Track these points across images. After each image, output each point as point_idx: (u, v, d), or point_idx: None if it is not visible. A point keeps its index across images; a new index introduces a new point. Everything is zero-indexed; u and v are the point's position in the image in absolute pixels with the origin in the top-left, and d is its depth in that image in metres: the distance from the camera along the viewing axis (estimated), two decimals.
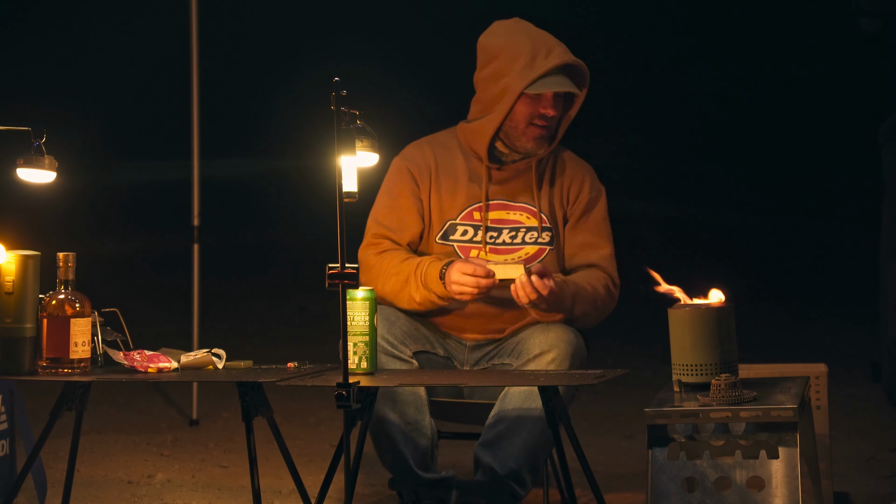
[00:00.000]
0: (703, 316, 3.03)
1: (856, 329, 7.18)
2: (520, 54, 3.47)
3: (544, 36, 3.52)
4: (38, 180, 3.43)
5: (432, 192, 3.57)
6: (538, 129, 3.50)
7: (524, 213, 3.55)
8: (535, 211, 3.55)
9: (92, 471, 4.43)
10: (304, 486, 3.35)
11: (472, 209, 3.55)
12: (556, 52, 3.47)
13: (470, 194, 3.56)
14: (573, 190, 3.60)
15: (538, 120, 3.50)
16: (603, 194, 3.64)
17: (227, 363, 3.38)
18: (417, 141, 3.67)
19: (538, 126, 3.50)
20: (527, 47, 3.47)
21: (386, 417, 3.38)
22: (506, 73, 3.47)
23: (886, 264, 5.32)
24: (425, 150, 3.62)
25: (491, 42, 3.53)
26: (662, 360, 3.52)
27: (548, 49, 3.48)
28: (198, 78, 5.20)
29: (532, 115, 3.49)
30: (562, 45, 3.51)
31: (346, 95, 2.91)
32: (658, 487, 2.77)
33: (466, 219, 3.55)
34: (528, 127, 3.50)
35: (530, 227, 3.55)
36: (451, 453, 4.35)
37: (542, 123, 3.50)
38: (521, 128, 3.50)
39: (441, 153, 3.60)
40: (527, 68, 3.45)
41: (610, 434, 5.09)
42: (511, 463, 3.32)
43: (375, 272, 3.50)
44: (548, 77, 3.45)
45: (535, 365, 3.36)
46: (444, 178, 3.57)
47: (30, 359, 3.23)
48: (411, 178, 3.58)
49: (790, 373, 3.44)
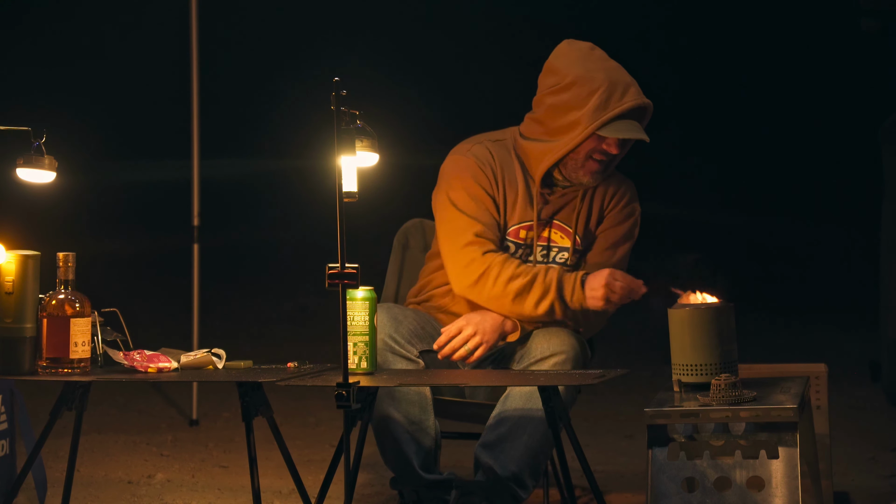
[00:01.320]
0: (703, 316, 3.03)
1: (856, 329, 7.18)
2: (595, 91, 3.38)
3: (619, 72, 3.44)
4: (38, 180, 3.43)
5: (498, 199, 3.53)
6: (597, 164, 3.45)
7: (560, 231, 3.53)
8: (570, 232, 3.53)
9: (92, 471, 4.43)
10: (304, 486, 3.35)
11: (520, 227, 3.53)
12: (631, 93, 3.40)
13: (522, 212, 3.52)
14: (613, 200, 3.56)
15: (599, 155, 3.44)
16: (636, 214, 3.59)
17: (227, 363, 3.38)
18: (478, 139, 3.59)
19: (596, 161, 3.45)
20: (603, 85, 3.38)
21: (390, 416, 3.38)
22: (577, 106, 3.39)
23: (886, 264, 5.32)
24: (492, 154, 3.54)
25: (563, 68, 3.44)
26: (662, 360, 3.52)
27: (623, 88, 3.40)
28: (198, 78, 5.20)
29: (595, 150, 3.44)
30: (636, 85, 3.42)
31: (346, 95, 2.91)
32: (658, 487, 2.77)
33: (513, 235, 3.53)
34: (588, 160, 3.45)
35: (563, 247, 3.54)
36: (451, 453, 4.35)
37: (602, 159, 3.45)
38: (581, 161, 3.44)
39: (504, 162, 3.54)
40: (600, 108, 3.37)
41: (610, 434, 5.09)
42: (512, 466, 3.32)
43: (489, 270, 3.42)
44: (620, 120, 3.39)
45: (538, 368, 3.36)
46: (507, 187, 3.53)
47: (30, 359, 3.23)
48: (487, 180, 3.51)
49: (790, 373, 3.43)
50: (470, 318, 3.42)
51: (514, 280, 3.41)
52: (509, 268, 3.42)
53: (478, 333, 3.39)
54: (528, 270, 3.42)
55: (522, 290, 3.41)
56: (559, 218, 3.54)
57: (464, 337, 3.40)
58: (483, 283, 3.43)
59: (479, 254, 3.44)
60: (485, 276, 3.43)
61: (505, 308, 3.43)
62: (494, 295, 3.42)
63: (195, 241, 5.22)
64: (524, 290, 3.41)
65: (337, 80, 2.90)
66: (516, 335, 3.43)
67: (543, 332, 3.41)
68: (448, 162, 3.57)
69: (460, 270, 3.46)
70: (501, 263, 3.43)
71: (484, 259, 3.44)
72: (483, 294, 3.44)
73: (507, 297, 3.41)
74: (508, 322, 3.43)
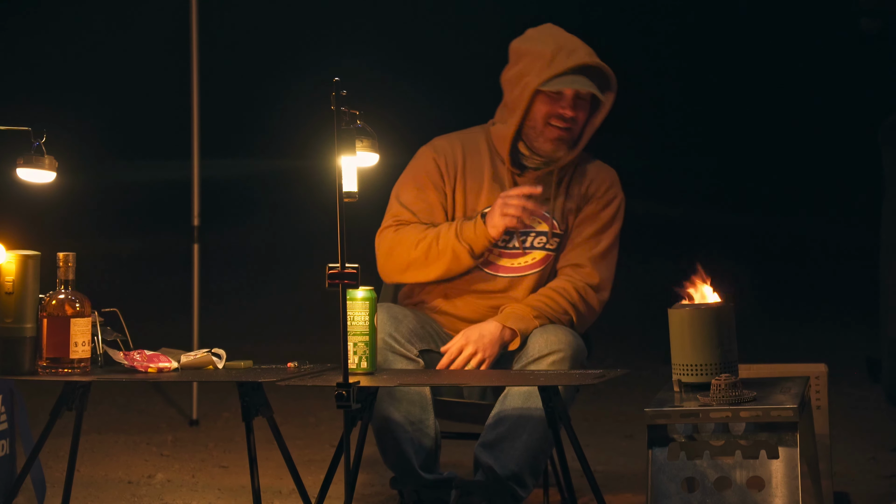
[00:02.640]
0: (703, 316, 3.03)
1: (856, 329, 7.18)
2: (542, 54, 3.46)
3: (571, 38, 3.50)
4: (38, 180, 3.43)
5: (457, 188, 3.56)
6: (556, 129, 3.47)
7: (537, 216, 3.54)
8: (548, 217, 3.54)
9: (92, 471, 4.43)
10: (304, 486, 3.35)
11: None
12: (579, 54, 3.45)
13: (491, 196, 3.55)
14: (591, 189, 3.58)
15: (556, 120, 3.47)
16: (619, 199, 3.60)
17: (227, 363, 3.38)
18: (448, 134, 3.65)
19: (556, 127, 3.47)
20: (550, 47, 3.46)
21: (390, 416, 3.38)
22: (527, 73, 3.47)
23: (886, 264, 5.31)
24: (455, 145, 3.60)
25: (519, 45, 3.53)
26: (662, 360, 3.52)
27: (571, 49, 3.46)
28: (198, 78, 5.20)
29: (550, 114, 3.47)
30: (587, 48, 3.48)
31: (346, 95, 2.91)
32: (658, 487, 2.77)
33: None
34: (546, 127, 3.48)
35: (540, 231, 3.54)
36: (451, 453, 4.35)
37: (560, 125, 3.47)
38: (539, 128, 3.48)
39: (470, 150, 3.59)
40: (546, 67, 3.44)
41: (610, 434, 5.09)
42: (512, 465, 3.32)
43: (398, 244, 3.48)
44: (567, 76, 3.44)
45: (536, 367, 3.36)
46: (469, 176, 3.56)
47: (30, 359, 3.23)
48: (438, 171, 3.56)
49: (790, 373, 3.43)
50: (468, 336, 3.43)
51: (421, 242, 3.47)
52: (414, 234, 3.48)
53: (478, 351, 3.41)
54: (432, 230, 3.48)
55: (429, 248, 3.46)
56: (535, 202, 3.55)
57: (465, 356, 3.41)
58: (395, 256, 3.49)
59: (392, 233, 3.52)
60: (394, 248, 3.49)
61: (423, 270, 3.48)
62: (409, 261, 3.47)
63: (195, 241, 5.22)
64: (430, 248, 3.45)
65: (337, 80, 2.90)
66: (516, 343, 3.43)
67: (541, 331, 3.42)
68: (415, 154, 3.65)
69: (378, 251, 3.53)
70: (408, 232, 3.49)
71: (395, 234, 3.50)
72: (399, 264, 3.48)
73: (420, 259, 3.46)
74: (507, 331, 3.43)
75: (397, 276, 3.54)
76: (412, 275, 3.51)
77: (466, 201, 3.56)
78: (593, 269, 3.53)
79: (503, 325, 3.43)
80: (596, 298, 3.53)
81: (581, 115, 3.50)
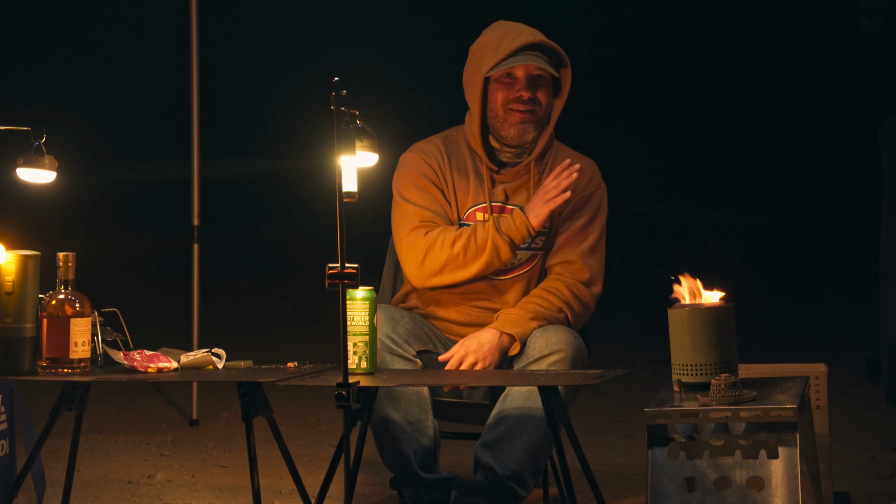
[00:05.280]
0: (703, 316, 3.03)
1: (856, 329, 7.17)
2: (489, 43, 3.48)
3: (517, 25, 3.52)
4: (38, 180, 3.43)
5: (447, 189, 3.56)
6: (517, 113, 3.48)
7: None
8: None
9: (92, 471, 4.43)
10: (304, 486, 3.35)
11: (476, 209, 3.54)
12: (524, 35, 3.47)
13: (475, 195, 3.55)
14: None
15: (515, 104, 3.48)
16: (601, 190, 3.59)
17: (227, 363, 3.38)
18: (427, 138, 3.66)
19: (517, 111, 3.48)
20: (497, 36, 3.49)
21: (389, 417, 3.38)
22: (479, 66, 3.49)
23: (886, 264, 5.31)
24: (438, 146, 3.60)
25: (473, 46, 3.56)
26: (662, 360, 3.52)
27: (516, 33, 3.48)
28: (198, 78, 5.20)
29: (507, 99, 3.48)
30: (533, 30, 3.49)
31: (346, 95, 2.91)
32: (658, 487, 2.77)
33: (470, 219, 3.54)
34: (508, 113, 3.49)
35: None
36: (451, 453, 4.35)
37: (520, 108, 3.47)
38: (501, 115, 3.49)
39: (452, 151, 3.59)
40: (493, 53, 3.46)
41: (610, 434, 5.08)
42: (512, 465, 3.32)
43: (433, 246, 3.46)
44: (513, 57, 3.45)
45: (537, 367, 3.36)
46: (456, 176, 3.56)
47: (30, 359, 3.23)
48: (432, 171, 3.56)
49: (790, 373, 3.43)
50: (467, 346, 3.42)
51: (458, 241, 3.45)
52: (449, 234, 3.47)
53: (479, 361, 3.40)
54: (466, 229, 3.47)
55: (467, 244, 3.44)
56: (516, 200, 3.55)
57: (466, 367, 3.40)
58: (430, 258, 3.46)
59: (423, 235, 3.49)
60: (429, 251, 3.46)
61: (461, 270, 3.46)
62: (446, 261, 3.45)
63: (195, 241, 5.21)
64: (468, 244, 3.44)
65: (337, 80, 2.90)
66: (516, 348, 3.43)
67: (541, 332, 3.41)
68: (398, 162, 3.63)
69: (408, 254, 3.50)
70: (440, 233, 3.47)
71: (427, 238, 3.48)
72: (434, 266, 3.46)
73: (457, 257, 3.45)
74: (505, 337, 3.42)
75: (432, 278, 3.50)
76: (448, 275, 3.48)
77: (457, 201, 3.56)
78: (583, 264, 3.53)
79: (501, 331, 3.42)
80: (589, 293, 3.52)
81: (542, 95, 3.49)
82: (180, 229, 5.40)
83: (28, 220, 5.93)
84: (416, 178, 3.56)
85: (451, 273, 3.47)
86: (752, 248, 10.80)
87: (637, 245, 9.87)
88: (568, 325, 3.47)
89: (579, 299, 3.50)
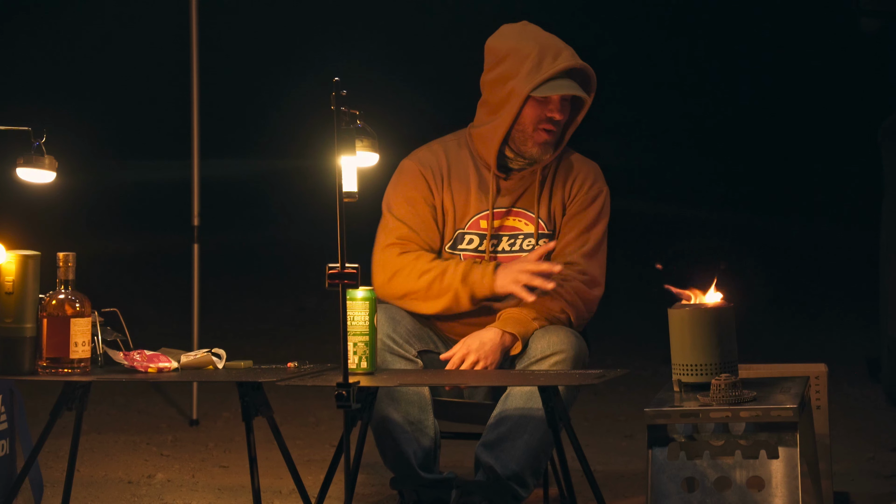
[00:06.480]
0: (703, 316, 3.03)
1: (856, 329, 7.18)
2: (527, 57, 3.43)
3: (552, 39, 3.48)
4: (38, 180, 3.43)
5: (445, 199, 3.55)
6: (545, 133, 3.47)
7: (523, 219, 3.54)
8: (533, 217, 3.54)
9: (92, 471, 4.43)
10: (304, 486, 3.34)
11: (479, 217, 3.54)
12: (564, 56, 3.44)
13: (478, 203, 3.54)
14: (574, 187, 3.57)
15: (545, 124, 3.46)
16: (604, 194, 3.59)
17: (227, 363, 3.38)
18: (428, 144, 3.64)
19: (545, 131, 3.47)
20: (534, 50, 3.43)
21: (389, 417, 3.38)
22: (512, 76, 3.44)
23: (886, 264, 5.32)
24: (438, 154, 3.58)
25: (498, 45, 3.50)
26: (662, 360, 3.52)
27: (556, 52, 3.44)
28: (198, 78, 5.20)
29: (539, 118, 3.45)
30: (570, 49, 3.47)
31: (346, 95, 2.91)
32: (658, 487, 2.77)
33: (473, 227, 3.54)
34: (536, 132, 3.46)
35: (528, 233, 3.54)
36: (451, 453, 4.35)
37: (549, 128, 3.46)
38: (529, 132, 3.46)
39: (453, 158, 3.57)
40: (534, 71, 3.41)
41: (610, 434, 5.08)
42: (513, 465, 3.32)
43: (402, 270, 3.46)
44: (555, 80, 3.42)
45: (539, 368, 3.36)
46: (455, 185, 3.55)
47: (30, 359, 3.22)
48: (426, 185, 3.54)
49: (790, 373, 3.43)
50: (469, 345, 3.42)
51: (425, 275, 3.45)
52: (420, 264, 3.46)
53: (481, 359, 3.40)
54: (439, 264, 3.46)
55: (432, 282, 3.44)
56: (520, 205, 3.54)
57: (468, 366, 3.40)
58: (396, 281, 3.47)
59: (396, 254, 3.49)
60: (397, 274, 3.47)
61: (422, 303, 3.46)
62: (409, 290, 3.46)
63: (195, 241, 5.21)
64: (433, 282, 3.44)
65: (337, 80, 2.90)
66: (518, 347, 3.43)
67: (543, 332, 3.41)
68: (397, 168, 3.62)
69: (378, 269, 3.51)
70: (414, 259, 3.47)
71: (399, 259, 3.48)
72: (398, 291, 3.47)
73: (420, 292, 3.45)
74: (507, 336, 3.42)
75: (394, 300, 3.51)
76: (408, 304, 3.49)
77: (455, 210, 3.55)
78: (586, 266, 3.52)
79: (503, 330, 3.42)
80: (591, 295, 3.52)
81: (566, 113, 3.50)
82: (180, 229, 5.40)
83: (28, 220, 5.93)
84: (408, 191, 3.55)
85: (412, 303, 3.49)
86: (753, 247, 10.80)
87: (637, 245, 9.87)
88: (569, 326, 3.47)
89: (582, 299, 3.50)
